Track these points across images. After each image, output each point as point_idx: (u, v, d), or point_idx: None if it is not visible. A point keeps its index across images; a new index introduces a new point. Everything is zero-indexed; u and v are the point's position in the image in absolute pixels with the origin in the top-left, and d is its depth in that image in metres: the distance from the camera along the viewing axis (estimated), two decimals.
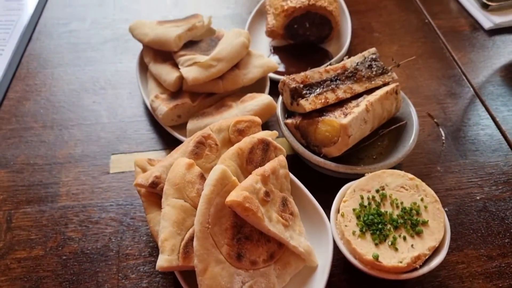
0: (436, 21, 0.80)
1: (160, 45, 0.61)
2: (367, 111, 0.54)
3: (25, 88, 0.66)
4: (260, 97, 0.57)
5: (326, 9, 0.67)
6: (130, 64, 0.69)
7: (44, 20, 0.76)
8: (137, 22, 0.66)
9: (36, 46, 0.72)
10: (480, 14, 0.80)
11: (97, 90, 0.66)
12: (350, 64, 0.59)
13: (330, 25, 0.69)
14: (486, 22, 0.79)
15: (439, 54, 0.74)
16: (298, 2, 0.66)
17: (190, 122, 0.57)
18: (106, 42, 0.73)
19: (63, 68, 0.69)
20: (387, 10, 0.82)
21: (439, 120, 0.65)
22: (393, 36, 0.77)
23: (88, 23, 0.76)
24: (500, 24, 0.78)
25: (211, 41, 0.63)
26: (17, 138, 0.60)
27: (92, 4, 0.80)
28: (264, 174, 0.47)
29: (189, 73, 0.57)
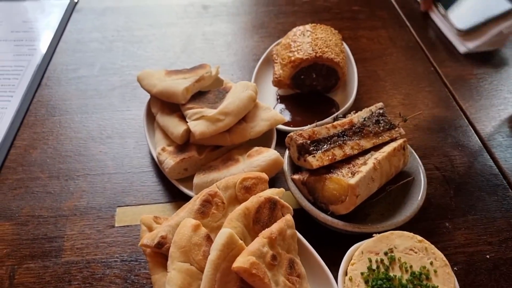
0: (443, 69, 0.80)
1: (167, 97, 0.61)
2: (374, 170, 0.53)
3: (32, 136, 0.66)
4: (267, 152, 0.57)
5: (333, 60, 0.67)
6: (137, 112, 0.70)
7: (53, 65, 0.77)
8: (145, 72, 0.66)
9: (44, 93, 0.72)
10: (455, 39, 0.84)
11: (104, 139, 0.66)
12: (357, 120, 0.59)
13: (336, 76, 0.70)
14: (461, 47, 0.83)
15: (446, 103, 0.74)
16: (306, 53, 0.67)
17: (197, 177, 0.57)
18: (114, 89, 0.73)
19: (71, 115, 0.69)
20: (392, 57, 0.82)
21: (446, 173, 0.64)
22: (399, 85, 0.77)
23: (97, 69, 0.77)
24: (473, 49, 0.82)
25: (218, 92, 0.63)
26: (23, 189, 0.60)
27: (101, 49, 0.81)
28: (271, 236, 0.47)
29: (197, 127, 0.57)
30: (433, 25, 0.90)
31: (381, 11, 0.93)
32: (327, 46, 0.68)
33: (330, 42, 0.69)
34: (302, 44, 0.69)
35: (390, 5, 0.95)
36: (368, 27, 0.89)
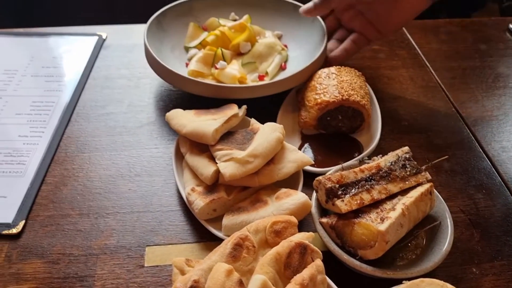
0: (463, 110, 0.81)
1: (197, 138, 0.63)
2: (403, 215, 0.54)
3: (63, 173, 0.68)
4: (295, 195, 0.58)
5: (359, 103, 0.69)
6: (165, 149, 0.71)
7: (82, 101, 0.79)
8: (174, 112, 0.68)
9: (74, 129, 0.74)
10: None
11: (133, 176, 0.67)
12: (384, 164, 0.59)
13: (362, 117, 0.71)
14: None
15: (468, 145, 0.75)
16: (332, 96, 0.69)
17: (226, 218, 0.58)
18: (142, 126, 0.75)
19: (100, 152, 0.71)
20: (414, 97, 0.83)
21: (471, 216, 0.65)
22: (422, 125, 0.78)
23: (125, 106, 0.79)
24: None
25: (246, 133, 0.65)
26: (54, 226, 0.61)
27: (129, 86, 0.83)
28: (303, 283, 0.47)
29: (227, 169, 0.58)
30: (452, 65, 0.92)
31: (401, 50, 0.95)
32: (353, 88, 0.70)
33: (355, 84, 0.71)
34: (328, 86, 0.70)
35: (409, 45, 0.97)
36: (388, 66, 0.90)
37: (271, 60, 0.82)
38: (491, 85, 0.88)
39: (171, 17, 0.86)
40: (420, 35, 1.00)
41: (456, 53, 0.95)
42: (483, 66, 0.92)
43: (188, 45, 0.86)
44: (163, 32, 0.84)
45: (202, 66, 0.80)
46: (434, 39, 0.99)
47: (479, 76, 0.90)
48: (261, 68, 0.82)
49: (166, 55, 0.81)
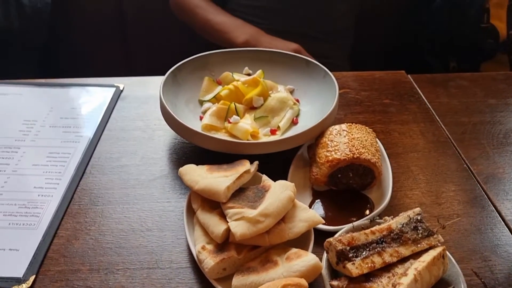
0: (475, 166, 0.81)
1: (209, 195, 0.64)
2: (415, 281, 0.53)
3: (75, 226, 0.68)
4: (306, 257, 0.58)
5: (370, 161, 0.69)
6: (176, 203, 0.72)
7: (98, 153, 0.81)
8: (187, 167, 0.69)
9: (89, 181, 0.76)
10: None
11: (144, 231, 0.68)
12: (396, 226, 0.59)
13: (373, 175, 0.71)
14: None
15: (480, 203, 0.74)
16: (343, 154, 0.69)
17: (236, 279, 0.57)
18: (155, 179, 0.76)
19: (113, 205, 0.72)
20: (425, 153, 0.84)
21: (486, 279, 0.63)
22: (433, 182, 0.78)
23: (139, 158, 0.80)
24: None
25: (257, 191, 0.65)
26: (64, 282, 0.61)
27: (144, 138, 0.85)
28: None
29: (237, 229, 0.58)
30: (462, 120, 0.93)
31: (411, 105, 0.96)
32: (364, 146, 0.71)
33: (366, 142, 0.72)
34: (339, 144, 0.71)
35: (419, 99, 0.98)
36: (399, 121, 0.91)
37: (283, 114, 0.84)
38: (502, 141, 0.88)
39: (186, 72, 0.89)
40: (429, 89, 1.01)
41: (466, 108, 0.96)
42: (493, 122, 0.93)
43: (202, 98, 0.88)
44: (178, 86, 0.86)
45: (215, 120, 0.82)
46: (443, 93, 1.01)
47: (489, 131, 0.90)
48: (273, 122, 0.83)
49: (181, 108, 0.84)
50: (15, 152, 0.80)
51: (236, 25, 1.24)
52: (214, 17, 1.27)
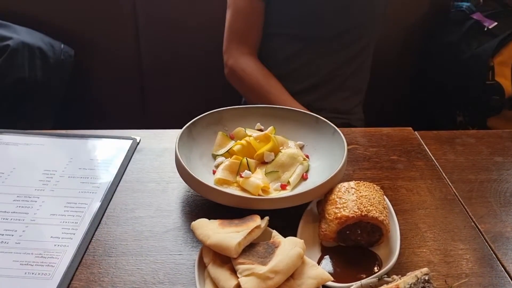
0: (482, 225, 0.82)
1: (220, 250, 0.65)
2: None
3: (89, 277, 0.70)
4: None
5: (377, 219, 0.71)
6: (188, 256, 0.74)
7: (113, 204, 0.84)
8: (200, 222, 0.72)
9: (103, 232, 0.78)
10: None
11: (156, 283, 0.69)
12: (403, 286, 0.60)
13: (380, 232, 0.73)
14: None
15: (489, 263, 0.75)
16: (351, 211, 0.71)
17: None
18: (168, 231, 0.78)
19: (126, 257, 0.73)
20: (432, 210, 0.85)
21: None
22: (441, 240, 0.79)
23: (153, 210, 0.83)
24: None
25: (268, 247, 0.67)
26: None
27: (158, 190, 0.87)
28: None
29: (247, 284, 0.60)
30: (469, 177, 0.94)
31: (418, 161, 0.99)
32: (371, 204, 0.73)
33: (373, 200, 0.74)
34: (348, 201, 0.73)
35: (426, 156, 1.01)
36: (406, 177, 0.94)
37: (293, 170, 0.87)
38: (509, 199, 0.89)
39: (201, 126, 0.93)
40: (436, 146, 1.04)
41: (472, 165, 0.98)
42: (500, 180, 0.94)
43: (216, 153, 0.91)
44: (193, 140, 0.90)
45: (228, 174, 0.85)
46: (450, 150, 1.03)
47: (496, 189, 0.92)
48: (284, 177, 0.86)
49: (195, 162, 0.87)
50: (34, 202, 0.84)
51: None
52: (274, 99, 1.35)
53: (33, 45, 1.53)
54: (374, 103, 1.59)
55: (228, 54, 1.45)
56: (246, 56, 1.43)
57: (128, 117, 1.69)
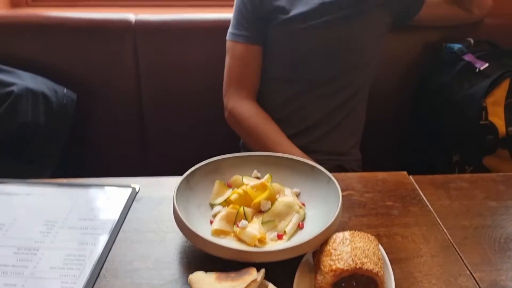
0: (478, 273, 0.83)
1: None
2: None
3: None
4: None
5: (372, 271, 0.72)
6: None
7: (112, 256, 0.85)
8: (197, 276, 0.73)
9: (102, 285, 0.79)
10: None
11: None
12: None
13: (375, 284, 0.74)
14: None
15: None
16: (346, 264, 0.72)
17: None
18: (166, 284, 0.79)
19: None
20: (427, 258, 0.86)
21: None
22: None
23: (151, 261, 0.84)
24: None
25: None
26: None
27: (156, 241, 0.89)
28: None
29: None
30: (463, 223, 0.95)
31: (413, 207, 1.00)
32: (366, 255, 0.74)
33: (368, 251, 0.75)
34: (342, 253, 0.74)
35: (421, 201, 1.02)
36: (402, 224, 0.95)
37: (289, 219, 0.88)
38: (503, 246, 0.90)
39: (199, 176, 0.95)
40: (430, 190, 1.06)
41: (467, 211, 1.00)
42: (494, 225, 0.95)
43: (213, 202, 0.93)
44: (191, 190, 0.92)
45: (225, 224, 0.87)
46: (444, 194, 1.05)
47: (491, 236, 0.92)
48: (280, 226, 0.87)
49: (193, 212, 0.89)
50: (34, 254, 0.85)
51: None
52: (275, 147, 1.38)
53: (37, 91, 1.57)
54: (370, 143, 1.61)
55: (227, 97, 1.49)
56: (245, 100, 1.47)
57: (128, 160, 1.72)
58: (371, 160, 1.62)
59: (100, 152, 1.70)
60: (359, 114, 1.58)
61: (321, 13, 1.41)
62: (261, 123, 1.43)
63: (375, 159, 1.60)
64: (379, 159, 1.66)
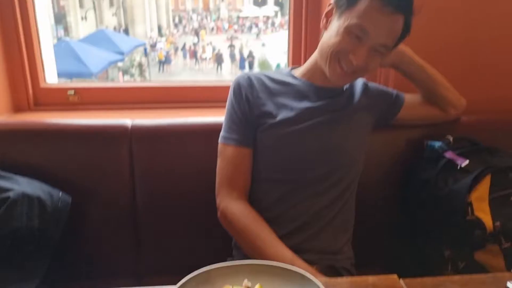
0: None
1: None
2: None
3: None
4: None
5: None
6: None
7: None
8: None
9: None
10: None
11: None
12: None
13: None
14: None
15: None
16: None
17: None
18: None
19: None
20: None
21: None
22: None
23: None
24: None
25: None
26: None
27: None
28: None
29: None
30: None
31: None
32: None
33: None
34: None
35: None
36: None
37: None
38: None
39: (190, 286, 0.96)
40: None
41: None
42: None
43: None
44: None
45: None
46: None
47: None
48: None
49: None
50: None
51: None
52: (265, 248, 1.41)
53: (33, 195, 1.61)
54: (361, 240, 1.63)
55: (219, 198, 1.53)
56: (236, 200, 1.51)
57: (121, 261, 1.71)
58: (363, 255, 1.62)
59: (92, 252, 1.70)
60: (350, 210, 1.61)
61: (307, 117, 1.51)
62: (252, 224, 1.46)
63: (367, 255, 1.61)
64: (370, 255, 1.66)
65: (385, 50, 1.43)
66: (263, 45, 24.14)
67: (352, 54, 1.38)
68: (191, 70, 21.10)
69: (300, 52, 2.21)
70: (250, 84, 1.54)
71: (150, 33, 23.92)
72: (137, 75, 17.09)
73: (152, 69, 19.52)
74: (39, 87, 2.17)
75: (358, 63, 1.39)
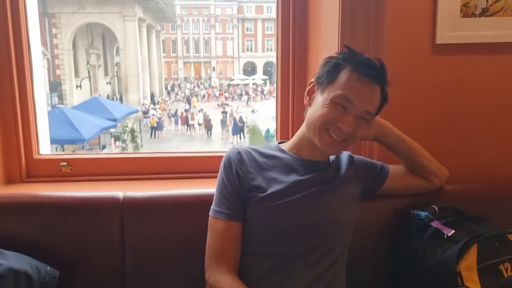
0: None
1: None
2: None
3: None
4: None
5: None
6: None
7: None
8: None
9: None
10: None
11: None
12: None
13: None
14: None
15: None
16: None
17: None
18: None
19: None
20: None
21: None
22: None
23: None
24: None
25: None
26: None
27: None
28: None
29: None
30: None
31: None
32: None
33: None
34: None
35: None
36: None
37: None
38: None
39: None
40: None
41: None
42: None
43: None
44: None
45: None
46: None
47: None
48: None
49: None
50: None
51: None
52: None
53: (20, 270, 1.58)
54: None
55: (208, 272, 1.53)
56: (226, 274, 1.50)
57: None
58: None
59: None
60: (341, 280, 1.61)
61: (296, 190, 1.55)
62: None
63: None
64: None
65: (370, 117, 1.52)
66: (253, 112, 24.71)
67: (340, 122, 1.47)
68: (183, 136, 21.36)
69: (288, 118, 2.32)
70: (240, 159, 1.59)
71: (143, 101, 24.45)
72: (129, 140, 17.22)
73: (144, 134, 19.71)
74: (32, 159, 2.20)
75: (347, 130, 1.46)
